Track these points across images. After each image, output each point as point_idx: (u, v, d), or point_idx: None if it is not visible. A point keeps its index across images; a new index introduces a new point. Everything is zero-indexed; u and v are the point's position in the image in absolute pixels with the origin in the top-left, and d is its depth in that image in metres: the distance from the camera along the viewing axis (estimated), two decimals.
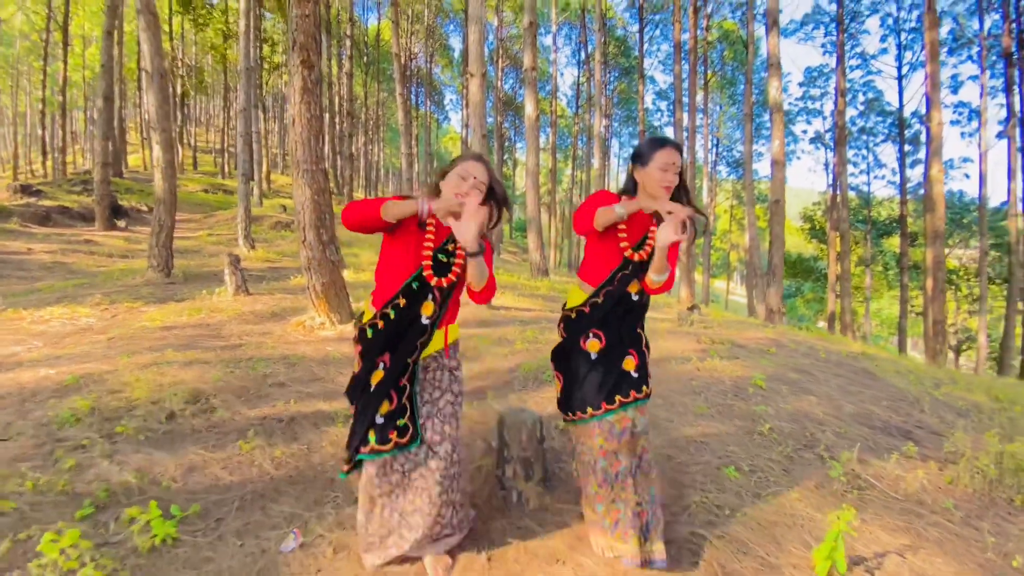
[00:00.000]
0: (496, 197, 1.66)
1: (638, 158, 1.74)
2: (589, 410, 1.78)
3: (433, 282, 1.57)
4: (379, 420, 1.60)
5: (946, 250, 14.98)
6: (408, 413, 1.62)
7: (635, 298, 1.81)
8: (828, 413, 3.32)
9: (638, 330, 1.87)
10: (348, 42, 24.38)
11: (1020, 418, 4.17)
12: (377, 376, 1.61)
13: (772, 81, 11.17)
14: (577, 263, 33.19)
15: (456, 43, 35.14)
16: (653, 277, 1.70)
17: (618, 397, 1.78)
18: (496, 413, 2.33)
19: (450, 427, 1.66)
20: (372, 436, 1.59)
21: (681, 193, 1.76)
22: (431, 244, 1.59)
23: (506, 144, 32.87)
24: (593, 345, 1.80)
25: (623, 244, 1.74)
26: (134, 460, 2.18)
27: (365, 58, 30.67)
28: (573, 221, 1.76)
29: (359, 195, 29.93)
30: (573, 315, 1.85)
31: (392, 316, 1.59)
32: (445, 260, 1.62)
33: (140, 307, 5.22)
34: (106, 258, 9.89)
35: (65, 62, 21.37)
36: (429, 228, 1.60)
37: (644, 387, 1.82)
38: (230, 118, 28.77)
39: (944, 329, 12.71)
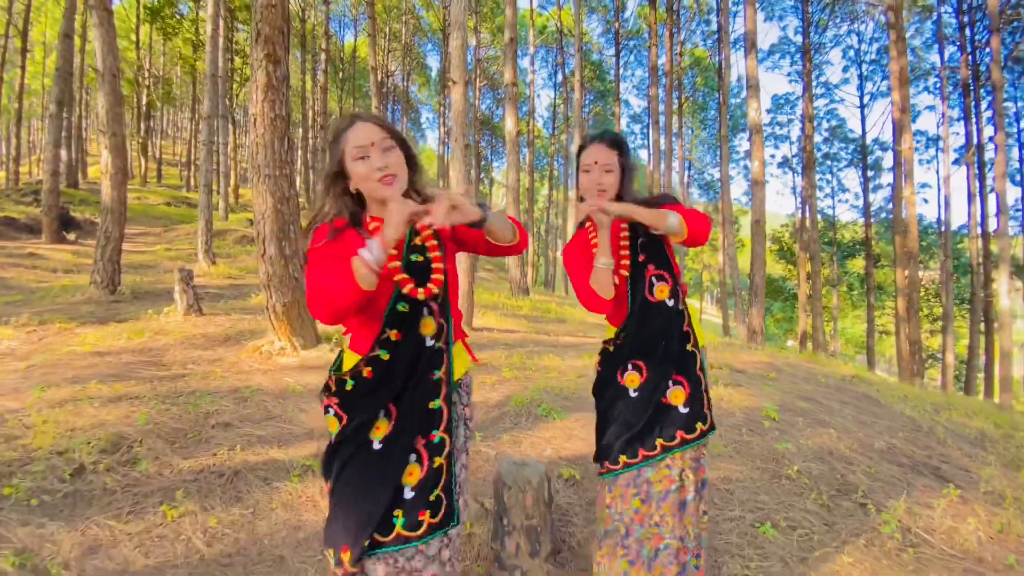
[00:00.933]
0: (404, 149, 1.22)
1: (576, 166, 1.53)
2: (623, 459, 1.40)
3: (421, 295, 1.13)
4: (408, 494, 1.12)
5: (903, 271, 15.30)
6: (443, 480, 1.16)
7: (669, 304, 1.45)
8: (852, 449, 3.00)
9: (689, 348, 1.47)
10: (323, 56, 23.98)
11: None
12: (382, 429, 1.12)
13: (751, 102, 11.25)
14: (554, 281, 33.08)
15: (433, 62, 35.16)
16: (665, 232, 1.39)
17: (659, 441, 1.40)
18: (491, 463, 1.91)
19: (463, 500, 1.23)
20: (399, 518, 1.11)
21: (624, 196, 1.45)
22: (393, 253, 1.14)
23: (483, 163, 32.79)
24: (632, 379, 1.45)
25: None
26: (20, 535, 1.67)
27: (341, 74, 30.29)
28: (588, 305, 1.44)
29: None
30: (611, 348, 1.51)
31: (385, 357, 1.13)
32: (421, 259, 1.19)
33: (74, 328, 4.59)
34: (49, 273, 9.05)
35: (23, 68, 20.34)
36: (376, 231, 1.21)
37: (699, 425, 1.43)
38: (199, 130, 27.83)
39: (921, 349, 12.84)
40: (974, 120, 17.55)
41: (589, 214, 1.40)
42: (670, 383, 1.44)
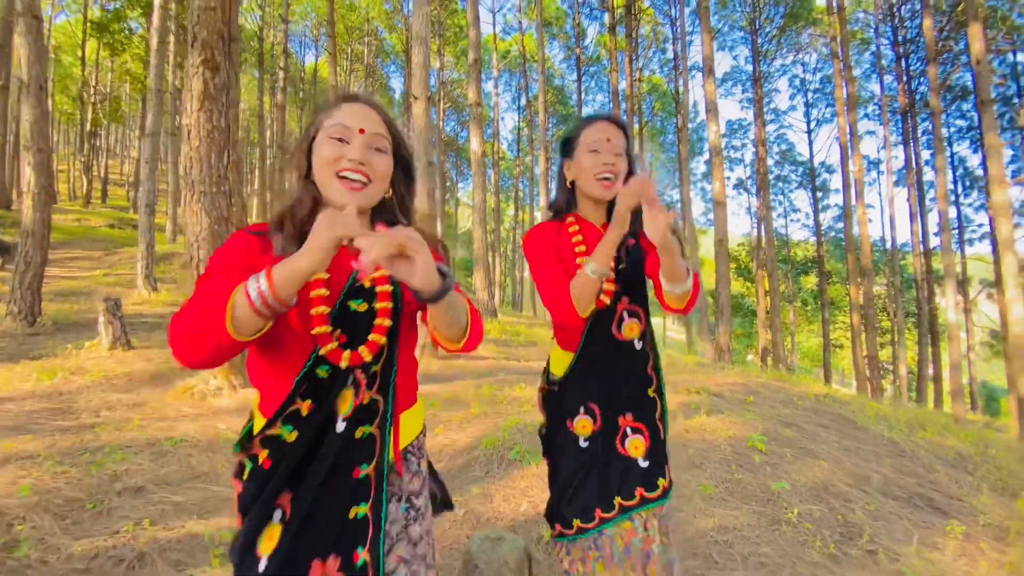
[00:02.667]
0: (401, 161, 0.94)
1: (566, 150, 1.24)
2: (577, 522, 1.17)
3: (344, 361, 0.80)
4: None
5: (857, 288, 15.91)
6: None
7: (637, 347, 1.22)
8: (847, 483, 2.82)
9: (650, 393, 1.25)
10: (282, 75, 23.45)
11: (1009, 466, 3.97)
12: (270, 539, 0.77)
13: (710, 125, 11.49)
14: (521, 301, 32.90)
15: (397, 84, 35.11)
16: (669, 289, 1.12)
17: (618, 500, 1.17)
18: (458, 525, 1.58)
19: None
20: None
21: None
22: (323, 293, 0.79)
23: (448, 184, 32.63)
24: (583, 426, 1.22)
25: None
26: None
27: (300, 93, 29.74)
28: (553, 310, 1.16)
29: None
30: (556, 388, 1.26)
31: (288, 437, 0.79)
32: (363, 308, 0.85)
33: None
34: None
35: None
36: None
37: (660, 481, 1.21)
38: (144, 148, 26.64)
39: (879, 363, 13.19)
40: (912, 144, 18.65)
41: (638, 186, 1.05)
42: (628, 431, 1.22)
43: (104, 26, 22.55)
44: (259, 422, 0.85)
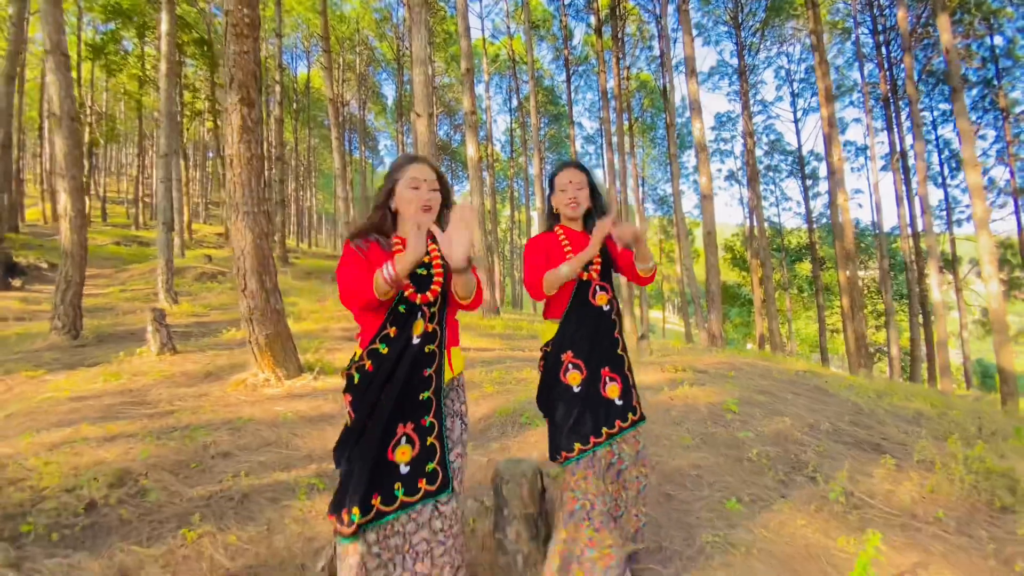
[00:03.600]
0: (443, 190, 1.52)
1: (551, 187, 1.84)
2: (577, 446, 1.66)
3: (418, 300, 1.40)
4: (404, 469, 1.34)
5: (844, 272, 16.47)
6: (438, 456, 1.39)
7: (605, 308, 1.77)
8: (804, 433, 3.35)
9: (619, 352, 1.79)
10: (277, 88, 23.97)
11: (961, 422, 4.45)
12: (376, 415, 1.36)
13: (695, 123, 12.02)
14: (520, 300, 33.46)
15: (389, 91, 35.56)
16: (641, 266, 1.71)
17: (604, 429, 1.69)
18: (487, 466, 2.11)
19: (456, 483, 1.44)
20: (399, 489, 1.33)
21: (595, 211, 1.80)
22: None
23: None
24: (574, 377, 1.72)
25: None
26: (48, 567, 1.75)
27: (295, 105, 30.22)
28: (528, 288, 1.73)
29: (291, 241, 28.81)
30: (550, 348, 1.78)
31: (383, 350, 1.38)
32: (424, 273, 1.45)
33: (43, 376, 4.50)
34: None
35: None
36: (396, 247, 1.45)
37: (630, 415, 1.74)
38: (145, 166, 27.16)
39: (866, 342, 13.72)
40: (896, 130, 19.16)
41: (631, 233, 1.62)
42: (607, 380, 1.74)
43: (100, 48, 22.98)
44: (358, 352, 1.44)
